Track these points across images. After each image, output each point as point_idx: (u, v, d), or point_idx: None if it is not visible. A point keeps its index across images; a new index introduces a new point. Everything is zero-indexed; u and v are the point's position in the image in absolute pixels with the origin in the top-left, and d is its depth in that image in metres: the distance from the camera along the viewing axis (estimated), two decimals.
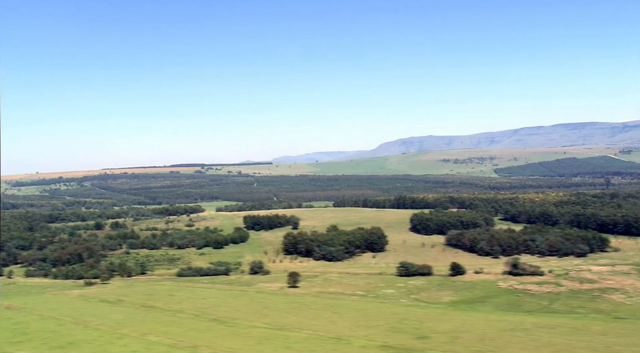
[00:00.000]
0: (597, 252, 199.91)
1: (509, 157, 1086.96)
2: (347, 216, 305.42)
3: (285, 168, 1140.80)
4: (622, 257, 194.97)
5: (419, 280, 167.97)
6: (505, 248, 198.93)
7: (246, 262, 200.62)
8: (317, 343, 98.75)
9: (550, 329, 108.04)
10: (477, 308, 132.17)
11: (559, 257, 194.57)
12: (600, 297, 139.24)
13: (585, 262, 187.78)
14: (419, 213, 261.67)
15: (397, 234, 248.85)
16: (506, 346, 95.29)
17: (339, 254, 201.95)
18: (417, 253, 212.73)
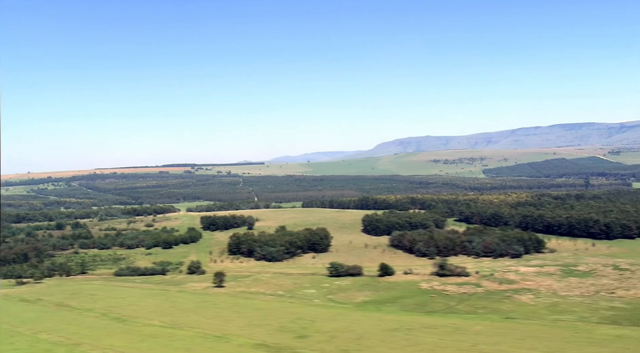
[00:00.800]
0: (532, 253, 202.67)
1: (499, 158, 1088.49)
2: (307, 217, 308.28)
3: (276, 168, 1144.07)
4: (554, 258, 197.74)
5: (345, 281, 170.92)
6: (442, 250, 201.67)
7: (188, 262, 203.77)
8: (198, 342, 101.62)
9: (432, 329, 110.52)
10: (381, 309, 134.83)
11: (494, 258, 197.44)
12: (510, 297, 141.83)
13: (517, 263, 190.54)
14: (371, 214, 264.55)
15: (347, 235, 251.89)
16: (376, 345, 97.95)
17: (279, 254, 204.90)
18: (359, 254, 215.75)
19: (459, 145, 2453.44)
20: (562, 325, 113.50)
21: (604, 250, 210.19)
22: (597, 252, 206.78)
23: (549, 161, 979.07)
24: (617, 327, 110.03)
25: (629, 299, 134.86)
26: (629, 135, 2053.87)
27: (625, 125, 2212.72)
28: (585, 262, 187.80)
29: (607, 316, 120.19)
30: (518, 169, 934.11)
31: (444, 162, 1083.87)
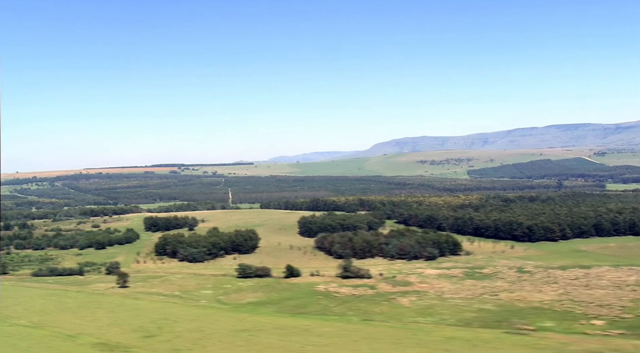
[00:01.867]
0: (447, 255, 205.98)
1: (486, 159, 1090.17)
2: (254, 218, 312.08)
3: (264, 168, 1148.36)
4: (467, 261, 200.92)
5: (249, 282, 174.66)
6: (358, 252, 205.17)
7: (113, 263, 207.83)
8: (45, 341, 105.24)
9: (280, 330, 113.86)
10: (256, 310, 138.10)
11: (408, 260, 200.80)
12: (392, 300, 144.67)
13: (427, 266, 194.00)
14: (308, 216, 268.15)
15: (283, 236, 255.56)
16: (211, 345, 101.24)
17: (200, 256, 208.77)
18: (282, 255, 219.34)
19: (455, 145, 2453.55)
20: (413, 327, 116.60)
21: (520, 253, 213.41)
22: (512, 254, 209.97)
23: (534, 162, 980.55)
24: (463, 329, 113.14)
25: (503, 302, 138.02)
26: (624, 136, 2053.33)
27: (620, 126, 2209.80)
28: (494, 265, 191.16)
29: (467, 318, 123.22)
30: (502, 169, 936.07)
31: (431, 163, 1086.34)
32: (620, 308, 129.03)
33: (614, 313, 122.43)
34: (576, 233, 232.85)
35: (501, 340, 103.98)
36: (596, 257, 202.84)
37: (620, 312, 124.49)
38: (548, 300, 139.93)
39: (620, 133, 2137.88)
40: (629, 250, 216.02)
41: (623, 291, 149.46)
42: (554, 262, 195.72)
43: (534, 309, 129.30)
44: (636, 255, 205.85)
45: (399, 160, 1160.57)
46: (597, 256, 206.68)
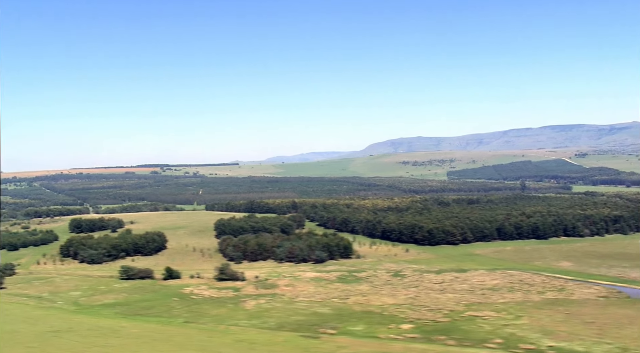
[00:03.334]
0: (337, 258, 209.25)
1: (468, 160, 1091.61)
2: (184, 219, 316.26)
3: (248, 169, 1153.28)
4: (352, 264, 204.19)
5: (127, 284, 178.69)
6: (249, 254, 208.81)
7: (16, 264, 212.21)
8: None
9: (90, 331, 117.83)
10: (100, 312, 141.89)
11: (296, 263, 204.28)
12: (241, 303, 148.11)
13: (312, 269, 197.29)
14: (227, 218, 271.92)
15: (199, 238, 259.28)
16: (9, 346, 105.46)
17: (99, 257, 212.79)
18: (182, 258, 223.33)
19: (450, 146, 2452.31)
20: (220, 330, 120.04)
21: (412, 256, 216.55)
22: (403, 258, 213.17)
23: (513, 163, 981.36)
24: (266, 332, 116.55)
25: (344, 305, 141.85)
26: (617, 137, 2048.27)
27: (615, 127, 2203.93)
28: (376, 268, 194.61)
29: (289, 321, 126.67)
30: (482, 171, 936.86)
31: (414, 164, 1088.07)
32: (448, 311, 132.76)
33: (433, 317, 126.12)
34: (478, 237, 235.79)
35: (287, 343, 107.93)
36: (484, 261, 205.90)
37: (442, 316, 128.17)
38: (390, 304, 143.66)
39: (615, 134, 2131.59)
40: (523, 253, 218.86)
41: (472, 295, 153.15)
42: (436, 266, 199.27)
43: (363, 313, 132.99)
44: (528, 259, 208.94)
45: (384, 161, 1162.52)
46: (487, 260, 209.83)
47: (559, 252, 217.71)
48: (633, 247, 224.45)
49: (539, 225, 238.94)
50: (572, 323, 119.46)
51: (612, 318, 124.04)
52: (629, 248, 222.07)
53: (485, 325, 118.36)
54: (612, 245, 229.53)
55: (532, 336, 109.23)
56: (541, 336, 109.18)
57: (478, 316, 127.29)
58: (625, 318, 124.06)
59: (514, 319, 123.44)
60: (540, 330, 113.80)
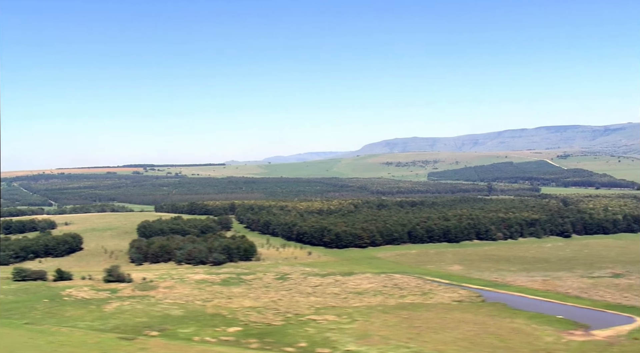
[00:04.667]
0: (237, 261, 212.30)
1: (452, 161, 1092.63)
2: (120, 221, 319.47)
3: (232, 169, 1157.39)
4: (248, 266, 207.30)
5: (14, 285, 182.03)
6: (150, 256, 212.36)
7: None
8: None
9: None
10: None
11: (194, 265, 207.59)
12: (104, 305, 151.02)
13: (206, 271, 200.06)
14: (151, 221, 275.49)
15: (121, 240, 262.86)
16: None
17: (5, 259, 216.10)
18: (91, 259, 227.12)
19: (445, 147, 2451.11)
20: (45, 331, 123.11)
21: (312, 259, 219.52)
22: (303, 260, 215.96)
23: (495, 165, 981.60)
24: (92, 334, 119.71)
25: (198, 307, 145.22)
26: (611, 138, 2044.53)
27: (609, 128, 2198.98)
28: (268, 271, 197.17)
29: (131, 323, 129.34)
30: (462, 172, 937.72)
31: (397, 165, 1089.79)
32: (292, 315, 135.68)
33: (269, 321, 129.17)
34: (387, 240, 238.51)
35: (97, 344, 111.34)
36: (380, 264, 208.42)
37: (281, 319, 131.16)
38: (247, 306, 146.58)
39: (609, 135, 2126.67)
40: (424, 257, 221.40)
41: (334, 299, 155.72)
42: (328, 269, 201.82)
43: (210, 315, 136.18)
44: (424, 262, 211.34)
45: (368, 161, 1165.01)
46: (384, 263, 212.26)
47: (459, 256, 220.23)
48: (534, 251, 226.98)
49: (451, 229, 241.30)
50: (398, 328, 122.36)
51: (443, 322, 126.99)
52: (530, 252, 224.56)
53: (310, 330, 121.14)
54: (517, 249, 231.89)
55: (343, 340, 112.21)
56: (352, 340, 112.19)
57: (315, 320, 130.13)
58: (455, 322, 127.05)
59: (347, 323, 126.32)
60: (359, 334, 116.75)
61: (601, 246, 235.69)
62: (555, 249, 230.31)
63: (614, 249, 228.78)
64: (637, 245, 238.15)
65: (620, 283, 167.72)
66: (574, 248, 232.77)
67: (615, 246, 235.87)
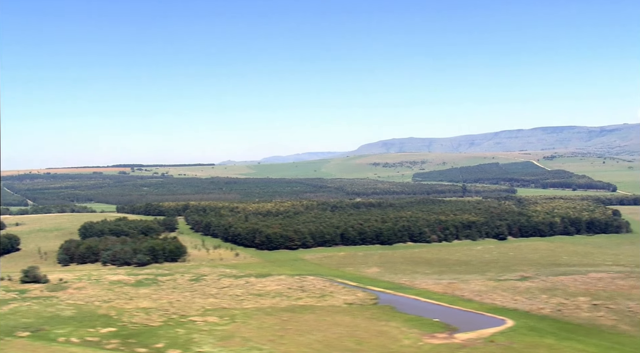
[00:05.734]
0: (162, 262, 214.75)
1: (439, 162, 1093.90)
2: (70, 222, 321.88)
3: (221, 169, 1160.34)
4: (171, 268, 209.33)
5: None
6: (76, 257, 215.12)
7: None
8: None
9: None
10: None
11: (119, 265, 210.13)
12: (5, 305, 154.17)
13: (127, 272, 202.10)
14: (94, 221, 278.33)
15: (61, 241, 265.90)
16: None
17: None
18: (20, 260, 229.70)
19: (442, 147, 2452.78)
20: None
21: (239, 260, 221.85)
22: (228, 262, 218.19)
23: (481, 166, 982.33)
24: None
25: (93, 308, 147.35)
26: (606, 139, 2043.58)
27: (605, 129, 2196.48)
28: (186, 273, 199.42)
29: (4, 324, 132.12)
30: (447, 173, 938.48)
31: (384, 166, 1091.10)
32: (177, 316, 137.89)
33: (149, 321, 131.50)
34: (319, 242, 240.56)
35: None
36: (302, 266, 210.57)
37: (162, 320, 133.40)
38: (141, 307, 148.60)
39: (604, 136, 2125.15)
40: (348, 259, 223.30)
41: (231, 300, 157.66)
42: (247, 271, 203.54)
43: (98, 316, 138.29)
44: (345, 264, 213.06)
45: (356, 162, 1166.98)
46: (307, 265, 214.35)
47: (385, 258, 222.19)
48: (461, 254, 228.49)
49: (383, 231, 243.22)
50: (268, 330, 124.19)
51: (317, 325, 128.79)
52: (456, 255, 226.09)
53: (182, 331, 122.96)
54: (445, 252, 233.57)
55: (205, 342, 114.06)
56: (214, 342, 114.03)
57: (195, 321, 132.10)
58: (329, 325, 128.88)
59: (223, 325, 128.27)
60: (225, 335, 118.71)
61: (530, 249, 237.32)
62: (483, 252, 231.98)
63: (540, 252, 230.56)
64: (565, 247, 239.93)
65: (520, 287, 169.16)
66: (502, 251, 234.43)
67: (544, 249, 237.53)
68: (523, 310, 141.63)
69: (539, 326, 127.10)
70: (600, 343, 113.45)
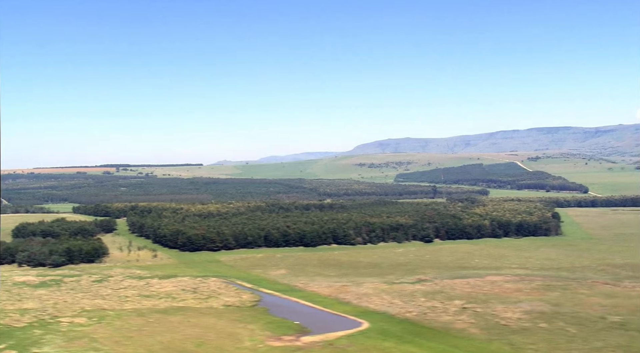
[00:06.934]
0: (77, 262, 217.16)
1: (424, 163, 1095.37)
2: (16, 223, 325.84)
3: (207, 170, 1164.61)
4: (83, 269, 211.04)
5: None
6: None
7: None
8: None
9: None
10: None
11: (33, 266, 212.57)
12: None
13: (39, 273, 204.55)
14: (30, 222, 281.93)
15: None
16: None
17: None
18: None
19: (437, 147, 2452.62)
20: None
21: (155, 262, 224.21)
22: (144, 263, 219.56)
23: (464, 167, 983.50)
24: None
25: None
26: (601, 140, 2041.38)
27: (600, 130, 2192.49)
28: (94, 274, 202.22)
29: None
30: (429, 174, 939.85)
31: (369, 166, 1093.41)
32: (49, 316, 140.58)
33: (17, 322, 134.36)
34: (242, 244, 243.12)
35: None
36: (215, 268, 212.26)
37: (34, 320, 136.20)
38: (23, 308, 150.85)
39: (600, 137, 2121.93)
40: (264, 261, 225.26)
41: (118, 301, 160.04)
42: (158, 272, 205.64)
43: None
44: (256, 266, 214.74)
45: (342, 163, 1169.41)
46: (222, 266, 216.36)
47: (300, 260, 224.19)
48: (377, 256, 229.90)
49: (306, 233, 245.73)
50: (125, 331, 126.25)
51: (175, 327, 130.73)
52: (372, 258, 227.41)
53: (39, 332, 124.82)
54: (364, 254, 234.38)
55: (52, 342, 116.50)
56: (61, 342, 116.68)
57: (62, 322, 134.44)
58: (188, 326, 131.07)
59: (85, 326, 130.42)
60: (76, 336, 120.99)
61: (448, 252, 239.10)
62: (400, 255, 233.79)
63: (457, 255, 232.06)
64: (485, 250, 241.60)
65: (408, 290, 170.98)
66: (420, 253, 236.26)
67: (462, 252, 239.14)
68: (390, 313, 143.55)
69: (392, 329, 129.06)
70: (435, 347, 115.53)
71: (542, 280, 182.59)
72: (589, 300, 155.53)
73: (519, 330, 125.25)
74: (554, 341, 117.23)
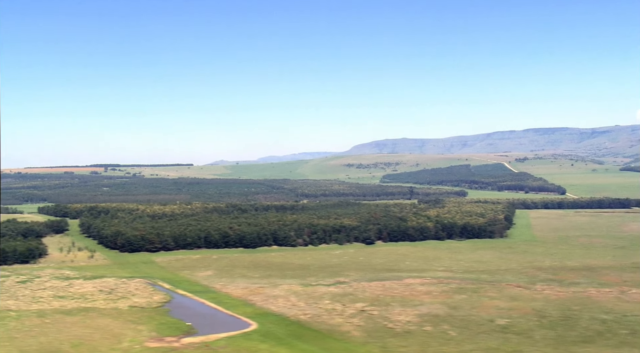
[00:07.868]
0: (11, 263, 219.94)
1: (413, 163, 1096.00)
2: None
3: (196, 170, 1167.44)
4: (14, 269, 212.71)
5: None
6: None
7: None
8: None
9: None
10: None
11: None
12: None
13: None
14: None
15: None
16: None
17: None
18: None
19: (434, 148, 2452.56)
20: None
21: (90, 262, 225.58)
22: (79, 264, 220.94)
23: (451, 167, 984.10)
24: None
25: None
26: (596, 141, 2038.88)
27: (596, 131, 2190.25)
28: (22, 275, 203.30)
29: None
30: (416, 174, 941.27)
31: (358, 166, 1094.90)
32: None
33: None
34: (181, 245, 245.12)
35: None
36: (146, 269, 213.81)
37: None
38: None
39: (595, 138, 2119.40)
40: (200, 262, 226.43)
41: (28, 303, 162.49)
42: (87, 273, 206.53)
43: None
44: (186, 267, 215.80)
45: (331, 163, 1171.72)
46: (152, 267, 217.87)
47: (233, 262, 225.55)
48: (311, 258, 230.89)
49: (246, 235, 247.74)
50: (12, 332, 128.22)
51: (69, 328, 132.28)
52: (305, 259, 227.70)
53: None
54: (299, 256, 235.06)
55: None
56: None
57: None
58: (82, 327, 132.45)
59: None
60: None
61: (384, 254, 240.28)
62: (335, 257, 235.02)
63: (390, 257, 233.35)
64: (421, 252, 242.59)
65: (318, 292, 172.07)
66: (355, 256, 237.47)
67: (398, 254, 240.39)
68: (286, 315, 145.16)
69: (277, 331, 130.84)
70: (307, 349, 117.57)
71: (457, 283, 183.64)
72: (490, 303, 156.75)
73: (401, 333, 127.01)
74: (428, 344, 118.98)
